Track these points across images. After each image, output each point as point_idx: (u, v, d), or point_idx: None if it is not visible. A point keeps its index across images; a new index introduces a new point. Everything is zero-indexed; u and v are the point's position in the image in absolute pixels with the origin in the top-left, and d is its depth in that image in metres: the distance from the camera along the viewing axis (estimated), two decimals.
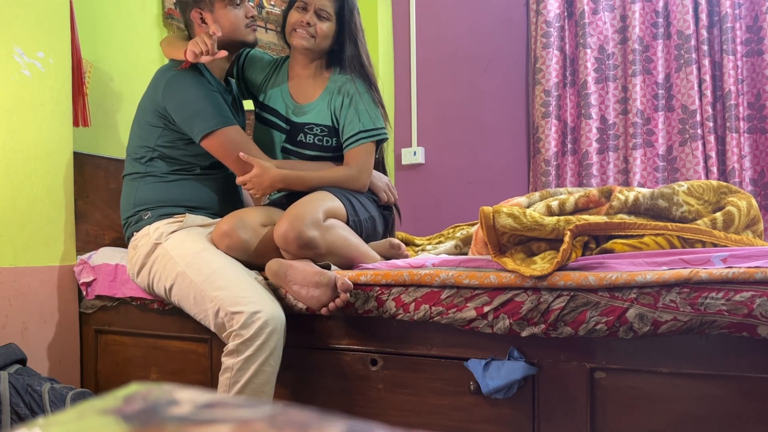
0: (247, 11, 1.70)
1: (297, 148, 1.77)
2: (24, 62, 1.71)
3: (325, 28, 1.70)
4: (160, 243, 1.57)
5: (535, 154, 2.91)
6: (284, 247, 1.49)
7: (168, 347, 1.74)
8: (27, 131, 1.72)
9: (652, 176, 2.70)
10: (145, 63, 2.26)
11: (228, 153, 1.61)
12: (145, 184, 1.67)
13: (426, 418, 1.40)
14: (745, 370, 1.12)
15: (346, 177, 1.69)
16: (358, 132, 1.70)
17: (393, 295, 1.41)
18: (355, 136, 1.70)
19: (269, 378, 1.38)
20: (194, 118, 1.59)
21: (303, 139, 1.76)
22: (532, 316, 1.25)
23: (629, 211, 1.44)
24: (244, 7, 1.70)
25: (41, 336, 1.75)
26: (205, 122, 1.58)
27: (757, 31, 2.55)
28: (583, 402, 1.24)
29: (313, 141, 1.75)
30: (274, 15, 2.80)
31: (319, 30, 1.70)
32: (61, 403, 1.41)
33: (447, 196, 3.17)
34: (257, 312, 1.37)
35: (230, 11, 1.66)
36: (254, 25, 1.73)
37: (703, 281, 1.11)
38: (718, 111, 2.61)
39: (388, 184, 1.85)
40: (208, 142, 1.60)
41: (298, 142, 1.77)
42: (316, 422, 0.26)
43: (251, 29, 1.73)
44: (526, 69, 3.03)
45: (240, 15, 1.68)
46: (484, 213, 1.36)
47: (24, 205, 1.71)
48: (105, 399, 0.29)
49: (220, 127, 1.59)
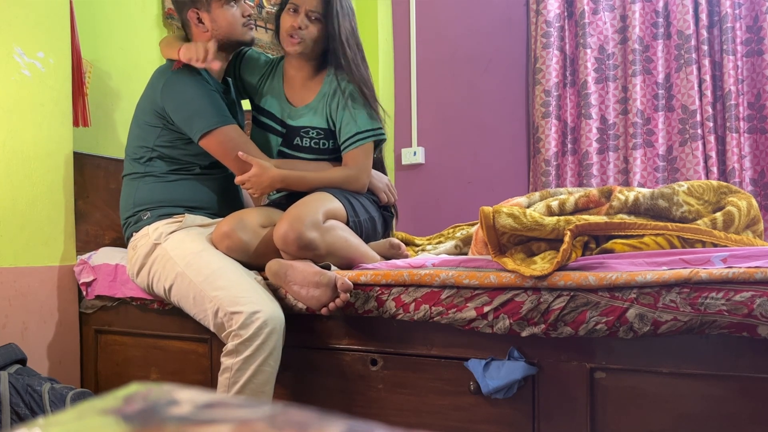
0: (244, 10, 1.70)
1: (293, 152, 1.76)
2: (24, 62, 1.71)
3: (315, 30, 1.69)
4: (159, 243, 1.57)
5: (535, 154, 2.91)
6: (284, 248, 1.49)
7: (168, 347, 1.74)
8: (27, 131, 1.72)
9: (652, 176, 2.70)
10: (145, 63, 2.26)
11: (227, 152, 1.61)
12: (145, 184, 1.67)
13: (426, 418, 1.40)
14: (745, 370, 1.12)
15: (346, 178, 1.69)
16: (356, 133, 1.69)
17: (393, 295, 1.41)
18: (353, 137, 1.70)
19: (268, 378, 1.38)
20: (193, 117, 1.59)
21: (299, 143, 1.76)
22: (532, 316, 1.25)
23: (629, 211, 1.44)
24: (241, 5, 1.70)
25: (41, 336, 1.75)
26: (204, 121, 1.58)
27: (757, 31, 2.55)
28: (583, 402, 1.24)
29: (309, 144, 1.75)
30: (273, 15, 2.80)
31: (309, 33, 1.69)
32: (61, 403, 1.41)
33: (447, 196, 3.17)
34: (256, 312, 1.37)
35: (227, 10, 1.66)
36: (251, 23, 1.73)
37: (703, 281, 1.11)
38: (718, 111, 2.61)
39: (388, 184, 1.85)
40: (207, 141, 1.60)
41: (295, 146, 1.77)
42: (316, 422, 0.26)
43: (248, 28, 1.72)
44: (526, 69, 3.03)
45: (237, 14, 1.68)
46: (484, 213, 1.36)
47: (24, 205, 1.71)
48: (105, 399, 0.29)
49: (218, 126, 1.59)
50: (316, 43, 1.70)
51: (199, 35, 1.70)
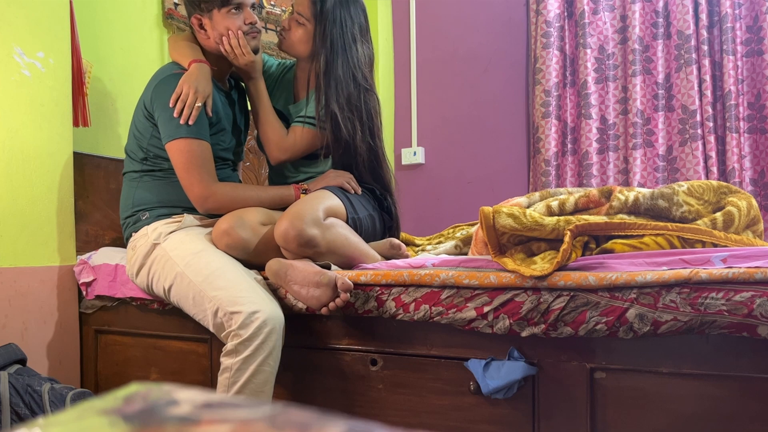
0: (247, 18, 1.68)
1: None
2: (24, 62, 1.71)
3: (299, 33, 1.73)
4: (158, 243, 1.57)
5: (535, 154, 2.91)
6: (284, 246, 1.49)
7: (168, 347, 1.74)
8: (27, 131, 1.72)
9: (652, 176, 2.70)
10: (145, 63, 2.26)
11: (181, 163, 1.58)
12: (143, 184, 1.67)
13: (426, 418, 1.40)
14: (745, 370, 1.12)
15: (282, 138, 1.76)
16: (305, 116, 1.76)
17: (393, 295, 1.41)
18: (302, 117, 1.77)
19: (268, 378, 1.38)
20: (169, 121, 1.58)
21: None
22: (532, 316, 1.25)
23: (629, 211, 1.44)
24: (245, 14, 1.67)
25: (41, 336, 1.75)
26: (176, 128, 1.57)
27: (757, 31, 2.55)
28: (583, 402, 1.24)
29: None
30: (274, 15, 2.80)
31: (291, 36, 1.74)
32: (61, 403, 1.41)
33: (447, 196, 3.17)
34: (256, 312, 1.37)
35: (228, 18, 1.65)
36: (254, 32, 1.70)
37: (703, 281, 1.11)
38: (718, 111, 2.61)
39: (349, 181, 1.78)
40: (170, 146, 1.59)
41: None
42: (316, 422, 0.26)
43: (251, 36, 1.70)
44: (526, 69, 3.03)
45: (238, 22, 1.66)
46: (484, 213, 1.36)
47: (24, 205, 1.71)
48: (105, 399, 0.29)
49: (185, 136, 1.57)
50: (299, 45, 1.74)
51: (201, 40, 1.70)
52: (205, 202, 1.59)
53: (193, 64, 1.63)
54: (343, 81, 1.71)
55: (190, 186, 1.58)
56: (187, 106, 1.56)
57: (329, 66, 1.70)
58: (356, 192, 1.73)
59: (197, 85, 1.58)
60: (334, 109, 1.69)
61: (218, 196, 1.59)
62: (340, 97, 1.70)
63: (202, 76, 1.61)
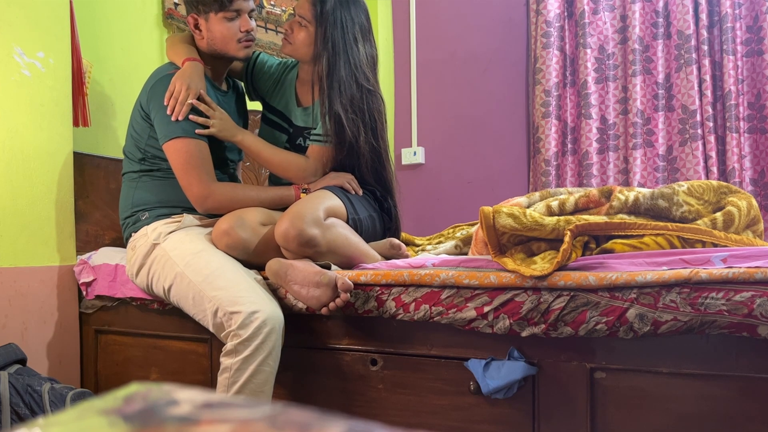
0: (243, 25, 1.66)
1: (297, 151, 1.77)
2: (24, 62, 1.71)
3: (300, 36, 1.70)
4: (158, 243, 1.57)
5: (535, 154, 2.91)
6: (285, 245, 1.49)
7: (168, 347, 1.74)
8: (27, 131, 1.72)
9: (652, 176, 2.70)
10: (145, 63, 2.26)
11: (179, 163, 1.58)
12: (142, 184, 1.67)
13: (426, 418, 1.40)
14: (745, 370, 1.12)
15: (303, 165, 1.71)
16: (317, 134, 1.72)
17: (393, 295, 1.41)
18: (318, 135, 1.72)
19: (268, 378, 1.38)
20: (165, 121, 1.58)
21: (302, 143, 1.79)
22: (532, 316, 1.25)
23: (629, 211, 1.44)
24: (242, 20, 1.66)
25: (41, 336, 1.75)
26: (173, 128, 1.57)
27: (757, 31, 2.55)
28: (583, 402, 1.24)
29: (309, 145, 1.75)
30: (274, 15, 2.80)
31: (294, 39, 1.71)
32: (61, 403, 1.41)
33: (447, 196, 3.17)
34: (255, 312, 1.37)
35: (224, 23, 1.64)
36: (248, 41, 1.68)
37: (703, 281, 1.11)
38: (718, 111, 2.61)
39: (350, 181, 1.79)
40: (167, 146, 1.59)
41: (297, 145, 1.79)
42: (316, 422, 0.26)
43: (243, 45, 1.68)
44: (526, 69, 3.03)
45: (233, 29, 1.65)
46: (484, 213, 1.36)
47: (24, 205, 1.71)
48: (105, 399, 0.29)
49: (182, 136, 1.57)
50: (303, 48, 1.71)
51: (195, 40, 1.70)
52: (205, 202, 1.59)
53: (186, 62, 1.63)
54: (346, 82, 1.69)
55: (188, 186, 1.58)
56: (179, 102, 1.56)
57: (331, 68, 1.69)
58: (357, 192, 1.72)
59: (189, 82, 1.58)
60: (338, 111, 1.68)
61: (217, 195, 1.59)
62: (343, 98, 1.68)
63: (195, 74, 1.61)
